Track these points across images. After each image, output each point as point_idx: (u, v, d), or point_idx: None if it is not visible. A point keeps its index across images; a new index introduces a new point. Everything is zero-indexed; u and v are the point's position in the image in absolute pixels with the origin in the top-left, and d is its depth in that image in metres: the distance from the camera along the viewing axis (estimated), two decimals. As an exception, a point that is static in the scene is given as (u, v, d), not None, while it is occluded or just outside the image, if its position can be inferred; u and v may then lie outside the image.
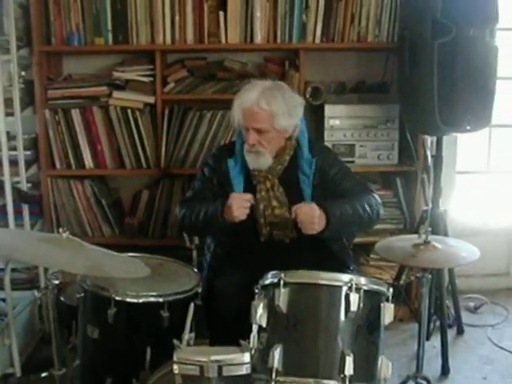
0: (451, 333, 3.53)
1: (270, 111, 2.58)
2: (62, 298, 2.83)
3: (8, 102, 3.11)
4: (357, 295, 1.90)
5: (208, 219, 2.63)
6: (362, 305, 1.91)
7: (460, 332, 3.62)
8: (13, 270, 3.06)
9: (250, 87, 2.67)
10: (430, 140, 3.47)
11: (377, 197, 2.72)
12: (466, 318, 3.71)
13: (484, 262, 3.91)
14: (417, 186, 3.61)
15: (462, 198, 4.14)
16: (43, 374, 2.29)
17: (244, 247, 2.70)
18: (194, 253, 2.83)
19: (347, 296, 1.91)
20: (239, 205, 2.53)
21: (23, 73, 3.39)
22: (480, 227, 4.04)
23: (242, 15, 3.44)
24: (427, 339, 3.33)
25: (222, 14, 3.42)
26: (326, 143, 3.46)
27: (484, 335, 3.59)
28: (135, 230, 3.62)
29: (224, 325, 2.46)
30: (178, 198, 3.57)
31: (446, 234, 3.29)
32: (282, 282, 1.92)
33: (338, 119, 3.54)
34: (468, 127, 3.17)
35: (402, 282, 3.47)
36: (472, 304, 3.92)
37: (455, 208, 4.01)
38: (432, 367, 3.13)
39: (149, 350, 2.28)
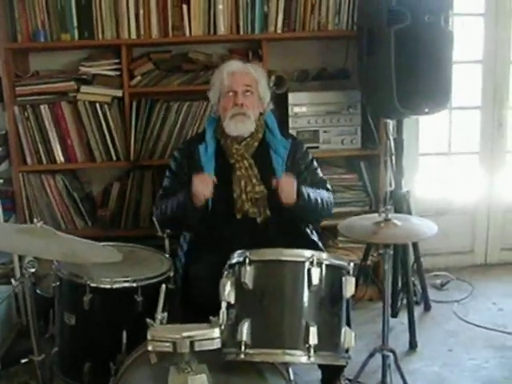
0: (419, 309, 3.66)
1: (255, 76, 2.83)
2: (38, 291, 2.88)
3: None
4: (318, 269, 1.97)
5: (180, 208, 2.70)
6: (323, 279, 1.99)
7: (427, 308, 3.73)
8: (-12, 265, 3.12)
9: (232, 61, 2.94)
10: (391, 124, 3.55)
11: (332, 197, 2.90)
12: (432, 294, 3.83)
13: (449, 240, 4.12)
14: (380, 169, 3.70)
15: (425, 179, 4.25)
16: (23, 361, 2.34)
17: (219, 227, 2.76)
18: (167, 241, 2.87)
19: (309, 271, 1.98)
20: (201, 182, 2.64)
21: (-10, 71, 3.41)
22: (444, 207, 4.17)
23: (204, 8, 3.51)
24: (395, 316, 3.44)
25: (185, 7, 3.49)
26: (290, 130, 3.55)
27: (450, 310, 3.71)
28: (108, 222, 3.67)
29: (200, 310, 2.46)
30: (148, 189, 3.65)
31: (409, 214, 3.36)
32: (247, 260, 1.99)
33: (302, 106, 3.64)
34: (426, 110, 3.26)
35: (369, 262, 3.57)
36: (438, 281, 4.04)
37: (419, 189, 4.12)
38: (400, 342, 3.24)
39: (125, 334, 2.34)
